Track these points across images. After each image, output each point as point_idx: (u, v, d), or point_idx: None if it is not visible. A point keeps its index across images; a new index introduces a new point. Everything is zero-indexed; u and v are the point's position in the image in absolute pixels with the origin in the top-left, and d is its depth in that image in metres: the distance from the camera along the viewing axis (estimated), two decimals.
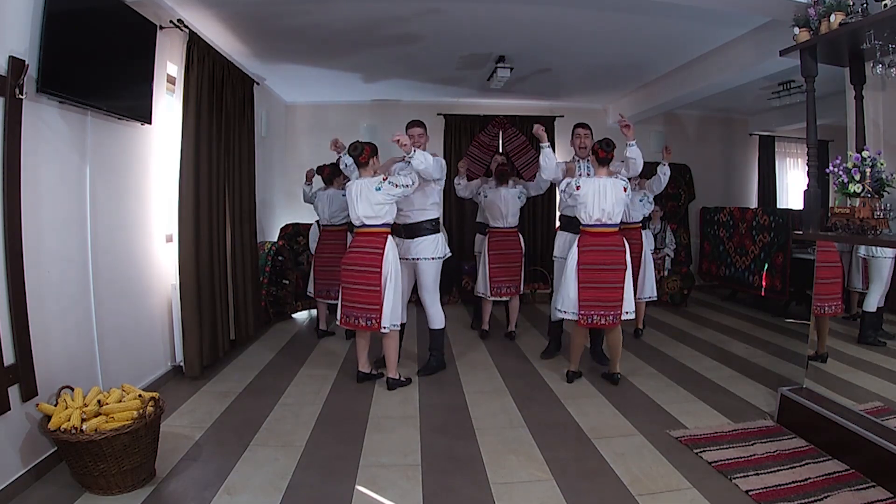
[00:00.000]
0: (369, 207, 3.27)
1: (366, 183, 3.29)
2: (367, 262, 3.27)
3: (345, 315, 3.37)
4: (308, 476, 2.34)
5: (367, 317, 3.29)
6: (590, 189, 3.29)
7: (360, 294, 3.30)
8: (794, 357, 3.92)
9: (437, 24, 4.02)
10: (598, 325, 3.39)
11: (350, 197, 3.33)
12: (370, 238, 3.31)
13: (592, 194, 3.28)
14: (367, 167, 3.34)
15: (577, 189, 3.32)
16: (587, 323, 3.36)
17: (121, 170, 3.05)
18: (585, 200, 3.30)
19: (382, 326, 3.27)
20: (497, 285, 4.51)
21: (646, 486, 2.24)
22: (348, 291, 3.34)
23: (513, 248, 4.57)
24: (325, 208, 4.53)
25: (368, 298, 3.28)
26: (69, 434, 2.08)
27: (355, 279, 3.30)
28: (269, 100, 5.87)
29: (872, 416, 2.43)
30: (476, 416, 3.01)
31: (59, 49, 2.31)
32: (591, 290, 3.32)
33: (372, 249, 3.28)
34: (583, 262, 3.33)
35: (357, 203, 3.29)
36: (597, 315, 3.33)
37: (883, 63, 2.46)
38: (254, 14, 3.80)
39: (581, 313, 3.33)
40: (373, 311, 3.27)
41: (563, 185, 3.46)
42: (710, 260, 6.69)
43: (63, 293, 2.52)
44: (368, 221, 3.30)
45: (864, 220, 2.39)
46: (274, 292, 5.18)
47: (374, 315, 3.27)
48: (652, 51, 4.68)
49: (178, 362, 3.53)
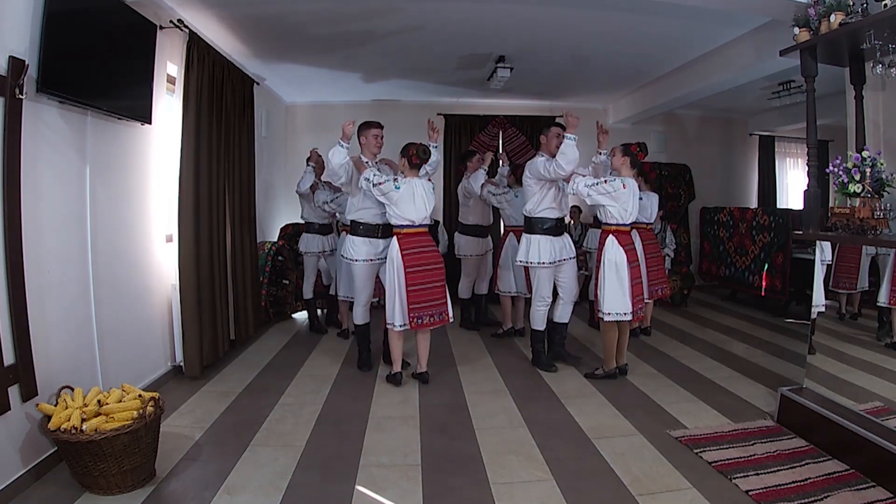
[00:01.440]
0: (429, 208, 3.43)
1: (425, 185, 3.43)
2: (434, 259, 3.43)
3: (416, 317, 3.35)
4: (308, 476, 2.34)
5: (440, 312, 3.42)
6: (630, 189, 3.40)
7: (430, 292, 3.39)
8: (794, 357, 3.92)
9: (438, 25, 4.02)
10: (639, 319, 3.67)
11: (411, 196, 3.34)
12: (427, 237, 3.46)
13: (632, 195, 3.41)
14: (415, 170, 3.44)
15: (624, 188, 3.35)
16: (638, 318, 3.54)
17: (121, 170, 3.05)
18: (628, 200, 3.38)
19: (451, 316, 3.46)
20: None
21: (646, 486, 2.24)
22: (421, 292, 3.35)
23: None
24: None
25: (437, 294, 3.41)
26: (69, 434, 2.08)
27: (428, 279, 3.38)
28: (269, 100, 5.87)
29: (872, 416, 2.43)
30: (476, 416, 3.01)
31: (59, 49, 2.31)
32: (637, 286, 3.48)
33: (433, 247, 3.47)
34: (630, 260, 3.43)
35: (425, 203, 3.40)
36: (640, 310, 3.53)
37: (883, 63, 2.46)
38: (254, 14, 3.80)
39: (634, 310, 3.45)
40: (443, 304, 3.43)
41: (590, 182, 3.34)
42: (710, 260, 6.69)
43: (63, 293, 2.52)
44: (425, 221, 3.43)
45: (864, 220, 2.39)
46: (274, 292, 5.18)
47: (444, 309, 3.43)
48: (652, 51, 4.68)
49: (178, 362, 3.53)
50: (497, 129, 6.62)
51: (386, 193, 3.33)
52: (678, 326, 5.09)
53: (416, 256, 3.35)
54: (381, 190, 3.33)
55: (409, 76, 5.57)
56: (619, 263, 3.38)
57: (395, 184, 3.34)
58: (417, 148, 3.38)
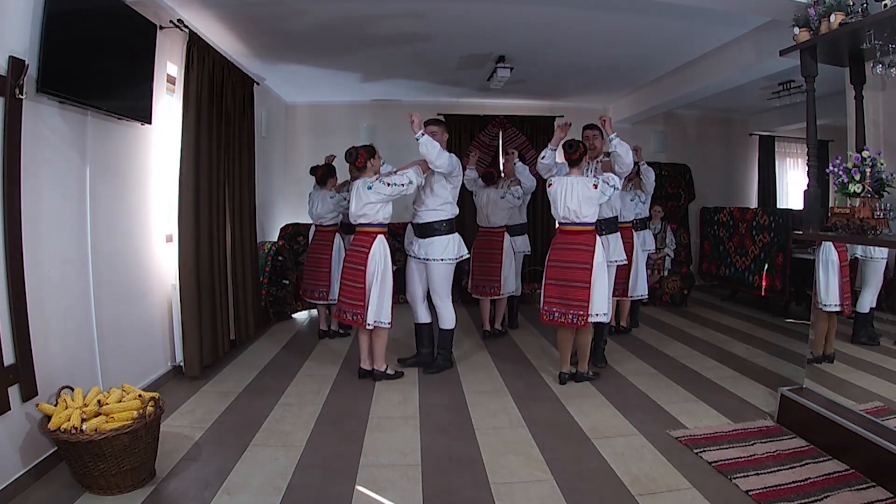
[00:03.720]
0: (361, 207, 3.40)
1: (360, 183, 3.43)
2: (357, 259, 3.43)
3: (338, 309, 3.59)
4: (308, 476, 2.34)
5: (354, 312, 3.44)
6: (558, 187, 3.34)
7: (351, 290, 3.46)
8: (794, 357, 3.92)
9: (438, 24, 4.02)
10: (559, 323, 3.36)
11: (350, 196, 3.48)
12: (361, 237, 3.47)
13: (561, 193, 3.33)
14: (366, 170, 3.45)
15: (549, 186, 3.38)
16: (548, 320, 3.40)
17: (121, 170, 3.05)
18: (555, 198, 3.36)
19: (367, 322, 3.38)
20: (476, 283, 4.59)
21: (646, 486, 2.24)
22: (344, 287, 3.54)
23: (494, 248, 4.53)
24: (314, 209, 4.53)
25: (355, 295, 3.43)
26: (69, 434, 2.08)
27: (347, 276, 3.50)
28: (269, 100, 5.87)
29: (872, 416, 2.43)
30: (476, 416, 3.01)
31: (60, 49, 2.31)
32: (554, 287, 3.37)
33: (361, 248, 3.43)
34: (551, 258, 3.40)
35: (352, 202, 3.44)
36: (557, 312, 3.36)
37: (883, 63, 2.46)
38: (254, 14, 3.80)
39: (544, 309, 3.40)
40: (358, 307, 3.41)
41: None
42: (710, 260, 6.69)
43: (63, 293, 2.52)
44: (361, 220, 3.44)
45: (864, 220, 2.39)
46: (274, 292, 5.18)
47: (359, 311, 3.41)
48: (652, 51, 4.68)
49: (178, 362, 3.53)
50: (497, 129, 6.62)
51: None
52: (678, 326, 5.09)
53: (348, 253, 3.56)
54: None
55: (409, 76, 5.57)
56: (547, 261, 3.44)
57: None
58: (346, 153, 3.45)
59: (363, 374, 3.59)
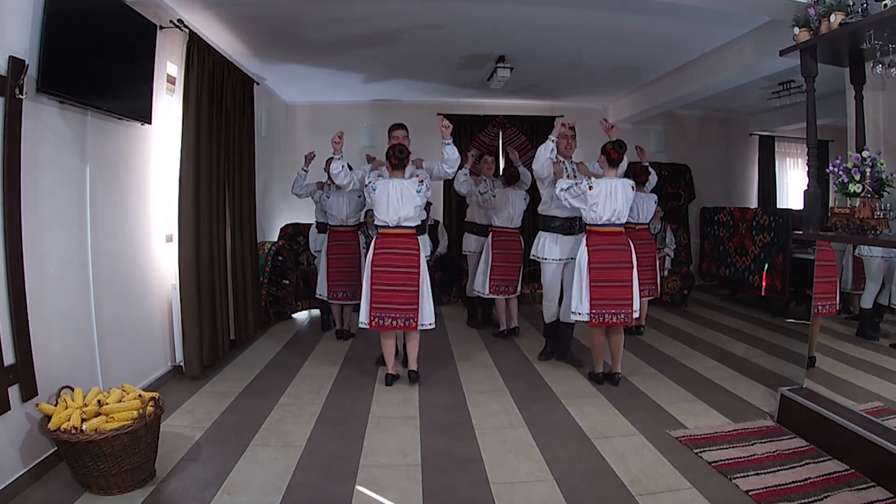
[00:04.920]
0: (411, 209, 3.34)
1: (406, 185, 3.35)
2: (406, 263, 3.34)
3: (377, 317, 3.34)
4: (308, 476, 2.34)
5: (406, 317, 3.34)
6: (602, 190, 3.33)
7: (397, 295, 3.33)
8: (794, 357, 3.92)
9: (438, 25, 4.02)
10: (610, 324, 3.39)
11: (387, 197, 3.33)
12: (406, 239, 3.37)
13: (605, 195, 3.32)
14: (403, 170, 3.42)
15: (591, 189, 3.33)
16: (599, 322, 3.36)
17: (121, 170, 3.05)
18: (597, 201, 3.33)
19: (420, 325, 3.35)
20: (496, 283, 4.54)
21: (646, 486, 2.24)
22: (382, 293, 3.33)
23: (516, 248, 4.63)
24: (343, 208, 4.43)
25: (407, 299, 3.33)
26: (69, 434, 2.08)
27: (391, 280, 3.33)
28: (269, 100, 5.87)
29: (872, 416, 2.43)
30: (476, 416, 3.01)
31: (60, 49, 2.31)
32: (602, 288, 3.35)
33: (409, 251, 3.36)
34: (593, 261, 3.35)
35: (399, 204, 3.33)
36: (608, 314, 3.36)
37: (883, 63, 2.46)
38: (254, 14, 3.80)
39: (593, 312, 3.35)
40: (411, 310, 3.34)
41: (565, 185, 3.43)
42: (710, 260, 6.69)
43: (63, 293, 2.52)
44: (406, 223, 3.36)
45: (864, 220, 2.39)
46: (274, 292, 5.18)
47: (412, 315, 3.34)
48: (652, 51, 4.68)
49: (178, 362, 3.53)
50: (497, 129, 6.62)
51: (369, 195, 3.40)
52: (678, 326, 5.09)
53: (386, 257, 3.35)
54: (366, 191, 3.41)
55: (409, 76, 5.57)
56: (582, 264, 3.38)
57: (372, 185, 3.37)
58: (394, 148, 3.39)
59: (392, 381, 3.48)
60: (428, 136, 5.23)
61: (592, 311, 3.34)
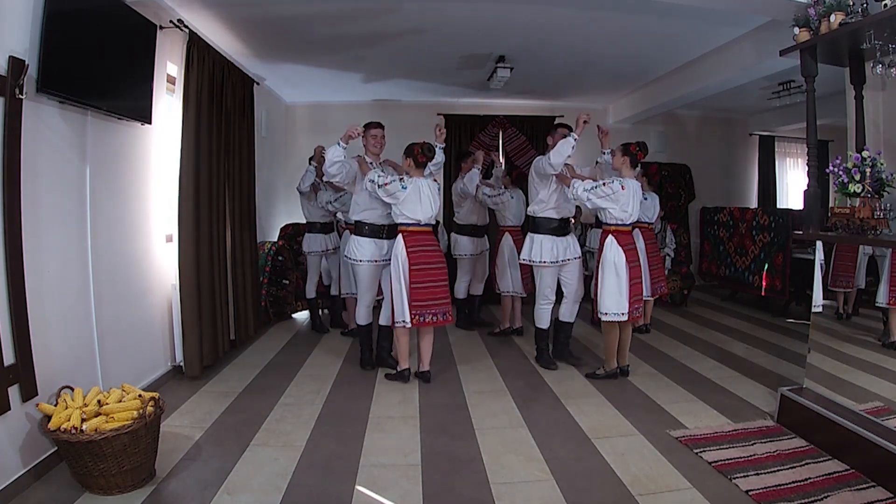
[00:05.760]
0: (437, 208, 3.45)
1: (430, 184, 3.44)
2: (437, 259, 3.45)
3: (418, 314, 3.36)
4: (308, 476, 2.34)
5: (443, 311, 3.43)
6: (629, 189, 3.39)
7: (435, 291, 3.40)
8: (794, 357, 3.92)
9: (438, 24, 4.02)
10: (635, 319, 3.52)
11: (419, 196, 3.36)
12: (431, 237, 3.48)
13: (632, 195, 3.40)
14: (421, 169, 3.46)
15: (623, 189, 3.34)
16: (634, 318, 3.49)
17: (121, 170, 3.05)
18: (628, 201, 3.38)
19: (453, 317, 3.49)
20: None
21: (646, 486, 2.24)
22: (423, 290, 3.36)
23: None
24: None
25: (442, 294, 3.43)
26: (69, 434, 2.08)
27: (428, 277, 3.39)
28: (269, 100, 5.87)
29: (872, 416, 2.43)
30: (476, 416, 3.01)
31: (59, 49, 2.31)
32: (636, 286, 3.47)
33: (437, 247, 3.49)
34: (630, 260, 3.42)
35: (431, 203, 3.41)
36: (637, 310, 3.48)
37: (883, 63, 2.46)
38: (254, 14, 3.80)
39: (634, 307, 3.44)
40: (447, 304, 3.45)
41: (588, 186, 3.38)
42: (710, 260, 6.69)
43: (63, 293, 2.51)
44: (430, 221, 3.44)
45: (864, 220, 2.39)
46: (274, 292, 5.18)
47: (447, 308, 3.45)
48: (652, 51, 4.68)
49: (178, 362, 3.53)
50: (497, 129, 6.61)
51: (393, 193, 3.34)
52: (678, 326, 5.09)
53: (421, 254, 3.38)
54: (386, 191, 3.34)
55: (409, 76, 5.57)
56: (619, 264, 3.38)
57: (402, 184, 3.35)
58: (422, 146, 3.40)
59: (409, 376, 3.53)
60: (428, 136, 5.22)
61: (631, 308, 3.41)
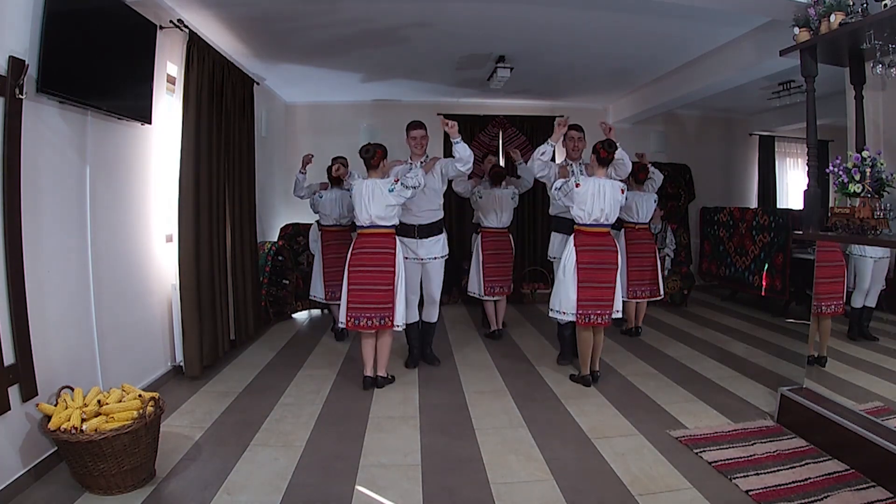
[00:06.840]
0: (382, 208, 3.30)
1: (379, 184, 3.32)
2: (380, 262, 3.33)
3: (353, 317, 3.32)
4: (308, 476, 2.34)
5: (381, 316, 3.32)
6: (589, 188, 3.29)
7: (373, 294, 3.32)
8: (794, 357, 3.92)
9: (438, 24, 4.02)
10: (594, 325, 3.39)
11: (360, 197, 3.32)
12: (381, 239, 3.35)
13: (592, 194, 3.29)
14: (377, 169, 3.38)
15: (577, 187, 3.31)
16: (585, 322, 3.37)
17: (121, 170, 3.05)
18: (584, 199, 3.30)
19: (396, 324, 3.34)
20: (490, 285, 4.54)
21: (646, 486, 2.24)
22: (358, 293, 3.32)
23: (505, 248, 4.62)
24: (335, 209, 4.44)
25: (382, 298, 3.32)
26: (69, 434, 2.08)
27: (367, 280, 3.32)
28: (269, 100, 5.87)
29: (872, 416, 2.43)
30: (476, 416, 3.01)
31: (60, 49, 2.31)
32: (588, 289, 3.34)
33: (384, 250, 3.34)
34: (581, 261, 3.34)
35: (370, 204, 3.30)
36: (593, 314, 3.36)
37: (883, 63, 2.46)
38: (254, 14, 3.79)
39: (579, 313, 3.34)
40: (387, 309, 3.33)
41: (559, 184, 3.43)
42: (710, 260, 6.69)
43: (63, 293, 2.52)
44: (380, 222, 3.34)
45: (864, 220, 2.39)
46: (274, 292, 5.18)
47: (387, 314, 3.33)
48: (652, 51, 4.68)
49: (178, 362, 3.53)
50: (497, 129, 6.62)
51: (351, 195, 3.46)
52: (678, 326, 5.09)
53: (362, 257, 3.33)
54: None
55: (409, 76, 5.57)
56: (568, 263, 3.37)
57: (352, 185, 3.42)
58: (361, 149, 3.37)
59: (370, 384, 3.42)
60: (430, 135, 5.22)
61: (579, 311, 3.35)
